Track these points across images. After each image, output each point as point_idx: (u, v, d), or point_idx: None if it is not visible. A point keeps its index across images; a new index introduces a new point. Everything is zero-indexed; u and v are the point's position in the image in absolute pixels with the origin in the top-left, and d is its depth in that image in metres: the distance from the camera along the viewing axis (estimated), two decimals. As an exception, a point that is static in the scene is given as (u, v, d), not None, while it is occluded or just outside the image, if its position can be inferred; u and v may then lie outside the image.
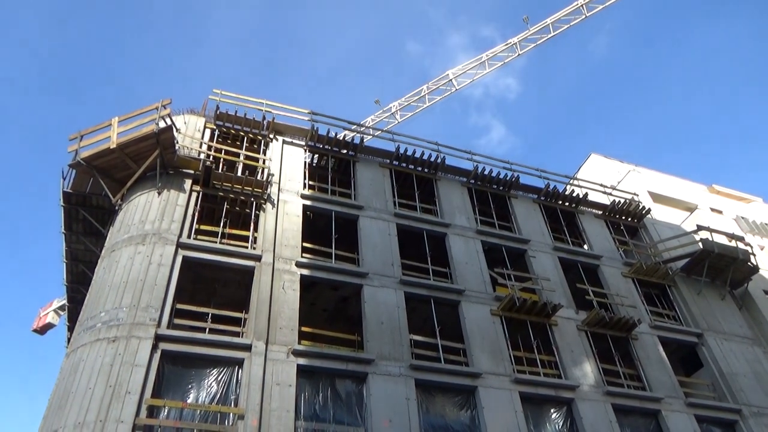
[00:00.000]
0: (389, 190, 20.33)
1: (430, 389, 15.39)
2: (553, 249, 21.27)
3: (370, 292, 16.67)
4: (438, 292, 17.65)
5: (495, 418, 15.08)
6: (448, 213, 20.57)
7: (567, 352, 17.70)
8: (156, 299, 14.03)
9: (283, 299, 15.41)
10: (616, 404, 16.90)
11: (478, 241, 20.03)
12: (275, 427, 12.87)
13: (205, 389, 13.33)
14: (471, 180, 22.25)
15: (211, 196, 17.40)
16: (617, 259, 22.35)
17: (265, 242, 16.47)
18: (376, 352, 15.23)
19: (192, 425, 12.51)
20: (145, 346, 13.04)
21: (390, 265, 17.68)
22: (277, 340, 14.48)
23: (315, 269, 16.56)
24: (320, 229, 18.59)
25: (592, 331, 18.79)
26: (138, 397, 12.20)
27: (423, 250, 19.18)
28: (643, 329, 19.66)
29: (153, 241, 15.20)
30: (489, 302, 18.05)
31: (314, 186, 19.91)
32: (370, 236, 18.31)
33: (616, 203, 24.36)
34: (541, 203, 23.14)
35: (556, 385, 16.61)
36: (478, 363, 16.18)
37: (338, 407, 14.30)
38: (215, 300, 16.40)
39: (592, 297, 19.88)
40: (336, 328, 17.74)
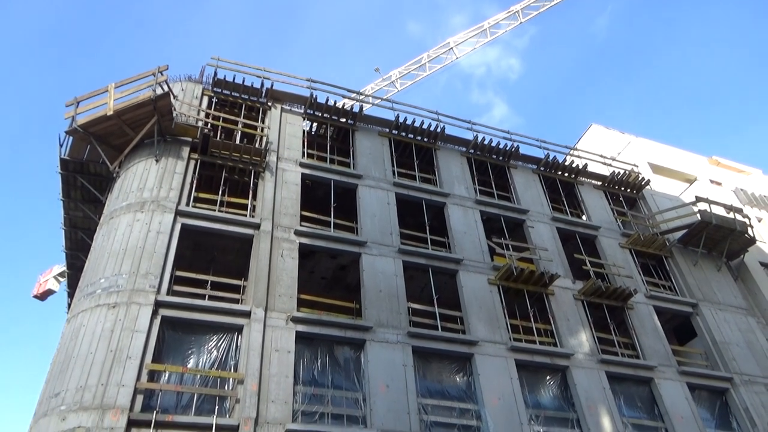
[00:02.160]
0: (388, 159, 20.28)
1: (427, 356, 15.62)
2: (551, 219, 21.34)
3: (369, 261, 16.78)
4: (436, 261, 17.78)
5: (491, 385, 15.35)
6: (447, 183, 20.57)
7: (563, 321, 17.92)
8: (155, 266, 14.13)
9: (282, 267, 15.52)
10: (610, 372, 17.19)
11: (477, 211, 20.08)
12: (274, 392, 13.12)
13: (206, 355, 13.53)
14: (470, 150, 22.19)
15: (209, 164, 17.36)
16: (615, 230, 22.45)
17: (263, 210, 16.51)
18: (374, 320, 15.42)
19: (192, 389, 12.74)
20: (145, 312, 13.19)
21: (389, 234, 17.76)
22: (276, 307, 14.64)
23: (314, 238, 16.64)
24: (319, 198, 18.61)
25: (589, 300, 18.99)
26: (139, 362, 12.40)
27: (422, 219, 19.24)
28: (638, 299, 19.87)
29: (151, 208, 15.23)
30: (487, 271, 18.19)
31: (313, 155, 19.85)
32: (368, 205, 18.34)
33: (616, 174, 24.35)
34: (540, 174, 23.12)
35: (551, 353, 16.86)
36: (475, 331, 16.39)
37: (336, 373, 14.54)
38: (214, 268, 16.51)
39: (589, 267, 20.04)
40: (334, 295, 17.91)
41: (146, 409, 12.00)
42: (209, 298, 14.69)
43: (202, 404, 12.72)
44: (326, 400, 13.91)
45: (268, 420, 12.66)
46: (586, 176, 24.18)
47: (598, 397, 16.39)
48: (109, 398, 11.74)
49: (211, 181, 17.44)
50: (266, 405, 12.86)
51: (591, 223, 22.16)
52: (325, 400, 13.89)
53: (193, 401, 12.63)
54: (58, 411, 11.64)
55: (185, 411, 12.45)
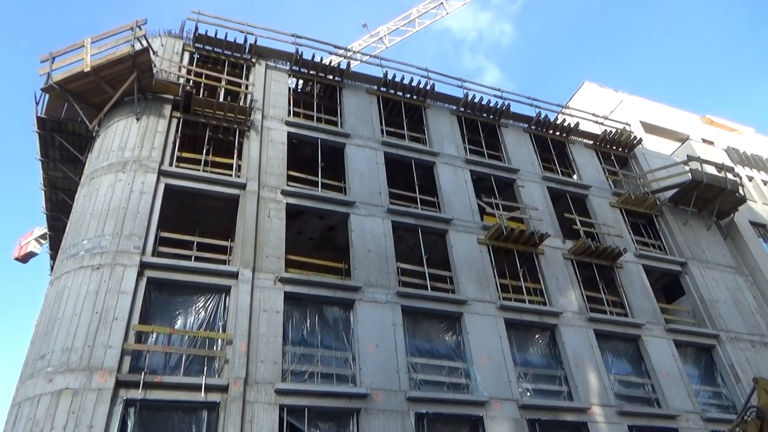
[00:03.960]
0: (377, 117, 20.09)
1: (417, 315, 15.83)
2: (542, 179, 21.38)
3: (357, 221, 16.80)
4: (425, 221, 17.84)
5: (480, 343, 15.62)
6: (436, 142, 20.47)
7: (552, 280, 18.15)
8: (139, 227, 14.05)
9: (269, 228, 15.50)
10: (598, 330, 17.54)
11: (467, 171, 20.06)
12: (263, 352, 13.27)
13: (193, 315, 13.61)
14: (461, 108, 22.01)
15: (192, 123, 17.11)
16: (606, 189, 22.57)
17: (249, 170, 16.38)
18: (363, 280, 15.53)
19: (181, 350, 12.85)
20: (130, 274, 13.18)
21: (377, 193, 17.73)
22: (264, 267, 14.68)
23: (301, 198, 16.59)
24: (306, 158, 18.47)
25: (578, 260, 19.21)
26: (125, 323, 12.45)
27: (411, 179, 19.20)
28: (628, 258, 20.14)
29: (134, 168, 15.05)
30: (476, 231, 18.30)
31: (299, 113, 19.62)
32: (357, 165, 18.25)
33: (608, 133, 24.33)
34: (531, 132, 23.05)
35: (540, 311, 17.14)
36: (465, 290, 16.58)
37: (326, 333, 14.72)
38: (200, 228, 16.45)
39: (579, 227, 20.22)
40: (323, 256, 17.96)
41: (134, 370, 12.11)
42: (195, 260, 14.67)
43: (191, 365, 12.86)
44: (316, 359, 14.11)
45: (258, 380, 12.84)
46: (577, 135, 24.14)
47: (585, 355, 16.75)
48: (96, 359, 11.82)
49: (195, 140, 17.21)
50: (255, 365, 13.03)
51: (582, 183, 22.24)
52: (314, 360, 14.09)
53: (181, 362, 12.76)
54: (45, 373, 11.71)
55: (174, 372, 12.59)
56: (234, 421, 12.09)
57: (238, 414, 12.18)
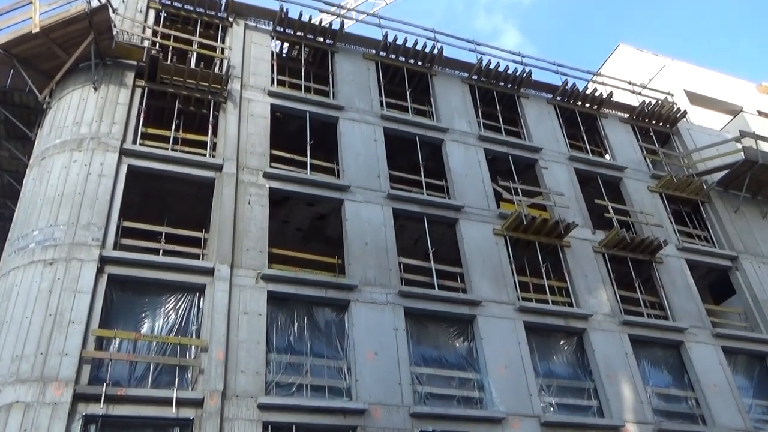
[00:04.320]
0: (375, 87, 20.20)
1: (422, 319, 16.06)
2: (568, 159, 21.56)
3: (353, 209, 16.98)
4: (432, 209, 18.03)
5: (496, 350, 15.86)
6: (445, 115, 20.60)
7: (580, 278, 18.38)
8: (98, 216, 14.22)
9: (250, 216, 15.68)
10: (633, 335, 17.79)
11: (481, 149, 20.23)
12: (244, 361, 13.48)
13: (162, 318, 13.81)
14: (474, 76, 22.11)
15: (159, 94, 17.23)
16: (644, 171, 22.75)
17: (226, 149, 16.53)
18: (360, 277, 15.74)
19: (148, 358, 13.05)
20: (88, 270, 13.35)
21: (376, 176, 17.90)
22: (244, 263, 14.87)
23: (287, 181, 16.75)
24: (292, 134, 18.61)
25: (611, 253, 19.43)
26: (83, 327, 12.62)
27: (415, 159, 19.36)
28: (669, 251, 20.36)
29: (91, 146, 15.20)
30: (492, 220, 18.50)
31: (284, 82, 19.72)
32: (352, 142, 18.40)
33: (646, 105, 24.46)
34: (556, 104, 23.18)
35: (566, 313, 17.39)
36: (478, 289, 16.80)
37: (316, 338, 14.93)
38: (169, 217, 16.60)
39: (612, 215, 20.42)
40: (312, 250, 18.13)
41: (94, 382, 12.29)
42: (164, 253, 14.84)
43: (160, 376, 13.06)
44: (304, 369, 14.33)
45: (238, 393, 13.06)
46: (611, 107, 24.28)
47: (619, 364, 17.00)
48: (51, 369, 12.01)
49: (162, 113, 17.34)
50: (235, 376, 13.24)
51: (615, 163, 22.41)
52: (303, 370, 14.30)
53: (149, 372, 12.95)
54: (-9, 384, 11.90)
55: (140, 383, 12.79)
56: (210, 440, 12.32)
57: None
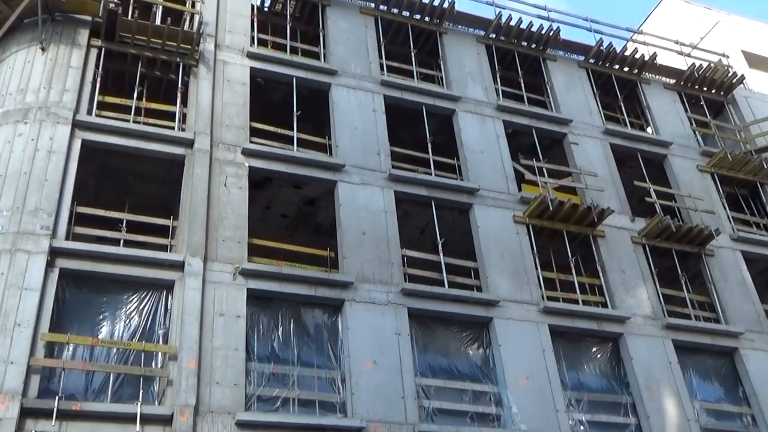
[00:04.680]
0: (374, 47, 20.16)
1: (429, 321, 16.12)
2: (603, 133, 21.53)
3: (348, 192, 16.99)
4: (441, 192, 18.05)
5: (516, 358, 15.90)
6: (457, 81, 20.56)
7: (616, 273, 18.41)
8: (48, 200, 14.23)
9: (226, 201, 15.69)
10: (678, 340, 17.81)
11: (499, 122, 20.19)
12: (220, 371, 13.52)
13: (123, 321, 13.86)
14: (491, 34, 22.05)
15: (118, 55, 17.20)
16: (692, 148, 22.75)
17: (198, 121, 16.51)
18: (356, 273, 15.77)
19: (107, 367, 13.10)
20: (36, 264, 13.36)
21: (375, 154, 17.90)
22: (219, 256, 14.90)
23: (270, 159, 16.75)
24: (276, 104, 18.59)
25: (653, 244, 19.45)
26: (31, 330, 12.64)
27: (421, 133, 19.33)
28: (722, 242, 20.38)
29: (39, 118, 15.19)
30: (512, 206, 18.51)
31: (267, 41, 19.69)
32: (347, 113, 18.38)
33: (696, 68, 24.39)
34: (589, 68, 23.14)
35: (599, 316, 17.43)
36: (495, 287, 16.83)
37: (305, 345, 14.98)
38: (131, 202, 16.61)
39: (654, 199, 20.43)
40: (300, 240, 18.14)
41: (45, 395, 12.33)
42: (125, 244, 14.87)
43: (122, 388, 13.11)
44: (291, 381, 14.38)
45: (213, 408, 13.11)
46: (654, 71, 24.22)
47: (661, 375, 17.06)
48: (-7, 380, 12.08)
49: (122, 79, 17.33)
50: (209, 388, 13.29)
51: (659, 138, 22.39)
52: (289, 382, 14.36)
53: (108, 384, 12.98)
54: (-77, 398, 11.97)
55: (98, 397, 12.85)
56: (181, 463, 12.42)
57: (186, 454, 12.50)
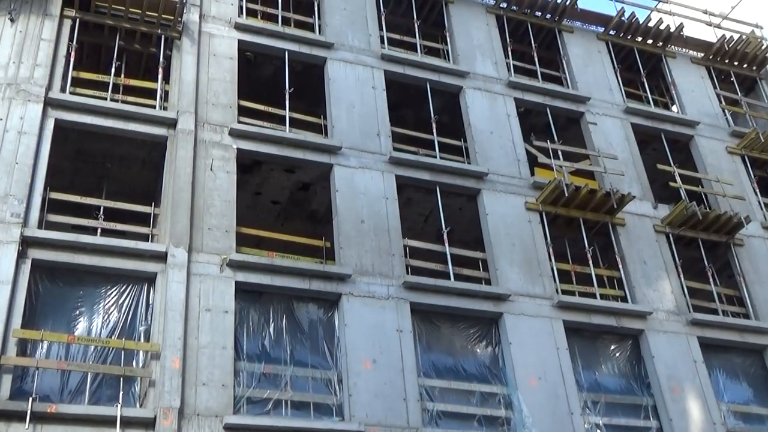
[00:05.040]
0: (374, 18, 20.19)
1: (433, 317, 16.28)
2: (624, 111, 21.61)
3: (345, 176, 17.09)
4: (447, 177, 18.14)
5: (527, 357, 16.05)
6: (465, 55, 20.60)
7: (637, 264, 18.55)
8: (19, 185, 14.29)
9: (213, 186, 15.78)
10: (704, 338, 17.98)
11: (511, 99, 20.26)
12: (206, 370, 13.65)
13: (101, 316, 13.97)
14: (502, 3, 22.05)
15: (94, 27, 17.22)
16: (722, 128, 22.83)
17: (181, 99, 16.57)
18: (354, 265, 15.89)
19: (84, 366, 13.25)
20: (6, 254, 13.43)
21: (374, 135, 17.99)
22: (205, 246, 15.00)
23: (260, 141, 16.82)
24: (267, 80, 18.67)
25: (677, 233, 19.56)
26: (2, 327, 12.72)
27: (425, 112, 19.40)
28: (752, 231, 20.49)
29: (8, 95, 15.23)
30: (524, 191, 18.62)
31: (256, 11, 19.60)
32: (344, 91, 18.44)
33: (727, 41, 24.40)
34: (609, 40, 23.16)
35: (618, 311, 17.56)
36: (505, 280, 16.97)
37: (298, 343, 15.11)
38: (109, 187, 16.77)
39: (679, 184, 20.51)
40: (293, 229, 18.27)
41: (18, 396, 12.44)
42: (103, 233, 14.98)
43: (100, 389, 13.25)
44: (283, 381, 14.51)
45: (199, 410, 13.25)
46: (680, 44, 24.23)
47: (685, 374, 17.22)
48: (-39, 380, 12.25)
49: (99, 53, 17.41)
50: (195, 389, 13.41)
51: (685, 117, 22.46)
52: (281, 382, 14.49)
53: (86, 384, 13.13)
54: None
55: (75, 398, 12.99)
56: (164, 469, 12.60)
57: (170, 460, 12.67)
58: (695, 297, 19.06)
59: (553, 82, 21.76)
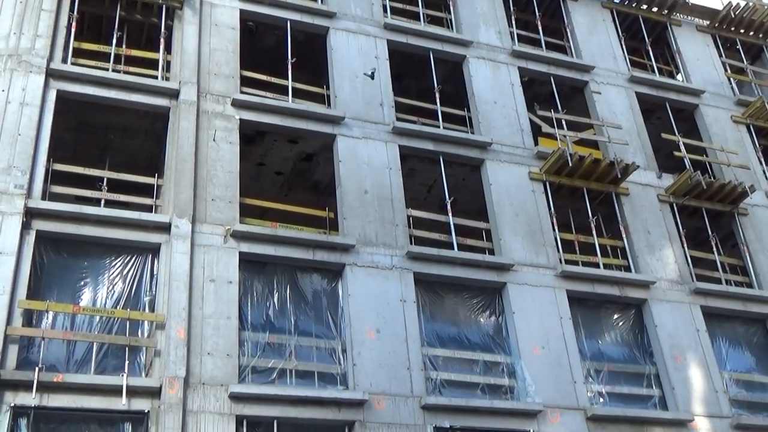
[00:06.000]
0: (376, -14, 20.10)
1: (437, 287, 16.40)
2: (628, 80, 21.56)
3: (348, 146, 17.12)
4: (451, 147, 18.16)
5: (531, 327, 16.19)
6: (468, 24, 20.53)
7: (641, 234, 18.61)
8: (22, 156, 14.35)
9: (215, 157, 15.82)
10: (707, 307, 18.10)
11: (515, 69, 20.23)
12: (211, 340, 13.81)
13: (106, 287, 14.11)
14: (505, -29, 21.96)
15: (95, -2, 17.23)
16: (727, 96, 22.77)
17: (183, 70, 16.56)
18: (357, 235, 15.96)
19: (90, 337, 13.41)
20: (10, 225, 13.53)
21: (377, 105, 17.99)
22: (209, 217, 15.09)
23: (262, 111, 16.83)
24: (269, 50, 18.63)
25: (681, 203, 19.61)
26: (8, 298, 12.86)
27: (429, 82, 19.37)
28: (757, 200, 20.52)
29: (9, 67, 15.23)
30: (527, 161, 18.65)
31: (257, -19, 19.61)
32: (346, 60, 18.40)
33: (733, 8, 24.22)
34: (614, 8, 23.04)
35: (621, 280, 17.65)
36: (509, 250, 17.05)
37: (302, 313, 15.25)
38: (112, 159, 16.80)
39: (683, 153, 20.49)
40: (296, 199, 18.34)
41: (24, 366, 12.62)
42: (106, 204, 15.06)
43: (106, 358, 13.41)
44: (288, 351, 14.68)
45: (204, 380, 13.41)
46: (685, 12, 24.09)
47: (688, 343, 17.35)
48: (-32, 350, 12.36)
49: (100, 24, 17.36)
50: (200, 359, 13.58)
51: (690, 86, 22.41)
52: (286, 352, 14.66)
53: (91, 354, 13.29)
54: None
55: (81, 368, 13.16)
56: (170, 438, 12.76)
57: (176, 429, 12.70)
58: (698, 266, 19.13)
59: (557, 51, 21.71)
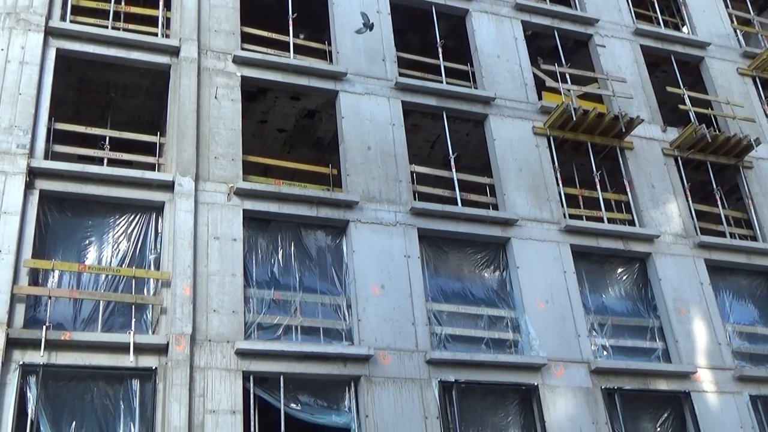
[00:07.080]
0: (377, -62, 19.92)
1: (441, 243, 16.48)
2: (633, 33, 21.46)
3: (350, 102, 17.09)
4: (454, 102, 18.13)
5: (535, 281, 16.32)
6: (470, -23, 20.39)
7: (645, 188, 18.66)
8: (23, 116, 14.35)
9: (218, 115, 15.83)
10: (711, 260, 18.22)
11: (518, 22, 20.11)
12: (217, 297, 13.94)
13: (111, 246, 14.22)
14: None
15: (92, -47, 17.07)
16: (733, 48, 22.66)
17: (184, 26, 16.48)
18: (361, 192, 16.02)
19: (96, 295, 13.55)
20: (14, 186, 13.59)
21: (380, 60, 17.93)
22: (212, 175, 15.14)
23: (264, 68, 16.78)
24: (270, 5, 18.48)
25: (686, 157, 19.63)
26: (13, 257, 12.98)
27: (431, 36, 19.30)
28: (762, 153, 20.54)
29: (8, 25, 15.15)
30: (531, 116, 18.62)
31: (256, -65, 19.43)
32: (348, 15, 18.30)
33: (739, -42, 24.05)
34: (618, -41, 22.85)
35: (625, 234, 17.75)
36: (513, 205, 17.11)
37: (307, 269, 15.37)
38: (114, 117, 16.84)
39: (688, 106, 20.40)
40: (299, 156, 18.41)
41: (32, 324, 12.80)
42: (109, 163, 15.11)
43: (112, 316, 13.59)
44: (293, 307, 14.83)
45: (210, 336, 13.57)
46: (691, -39, 23.89)
47: (691, 296, 17.49)
48: (-24, 310, 12.50)
49: (98, -20, 17.25)
50: (206, 316, 13.73)
51: (695, 38, 22.29)
52: (291, 308, 14.81)
53: (98, 312, 13.45)
54: None
55: (88, 326, 13.33)
56: (178, 394, 12.82)
57: (183, 385, 12.90)
58: (703, 220, 19.23)
59: (561, 3, 21.49)
